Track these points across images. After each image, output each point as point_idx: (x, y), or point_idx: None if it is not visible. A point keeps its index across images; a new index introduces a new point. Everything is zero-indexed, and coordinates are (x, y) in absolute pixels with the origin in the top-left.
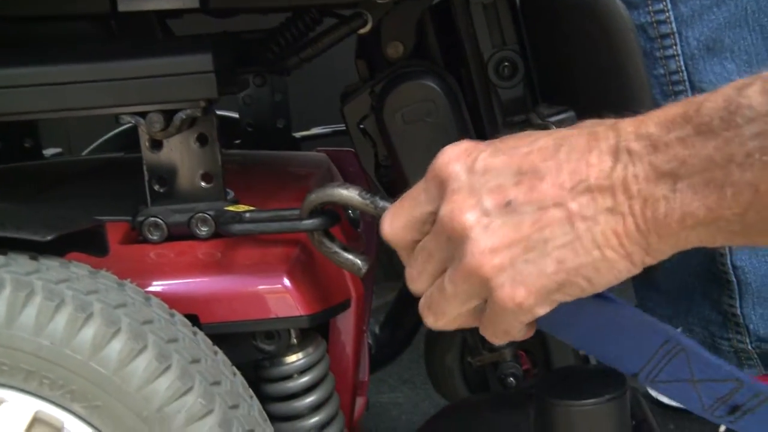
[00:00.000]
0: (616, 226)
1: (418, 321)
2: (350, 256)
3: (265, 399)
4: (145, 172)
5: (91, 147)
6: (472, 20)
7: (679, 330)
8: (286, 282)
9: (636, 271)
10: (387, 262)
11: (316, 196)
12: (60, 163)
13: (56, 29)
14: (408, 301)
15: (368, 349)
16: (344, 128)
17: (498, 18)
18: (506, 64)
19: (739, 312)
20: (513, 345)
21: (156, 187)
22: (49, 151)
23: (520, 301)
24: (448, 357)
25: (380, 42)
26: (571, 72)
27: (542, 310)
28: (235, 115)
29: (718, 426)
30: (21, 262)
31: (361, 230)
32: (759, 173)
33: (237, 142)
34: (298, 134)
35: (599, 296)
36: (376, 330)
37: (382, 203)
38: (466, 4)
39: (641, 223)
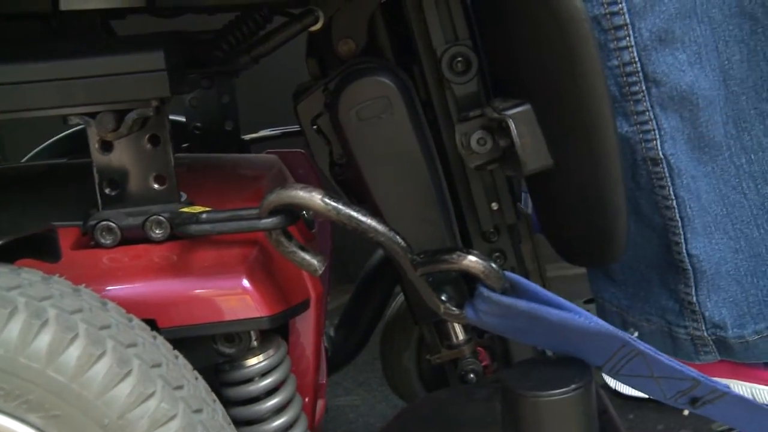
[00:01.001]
0: None
1: (373, 322)
2: (307, 256)
3: (227, 403)
4: (96, 175)
5: (30, 155)
6: (425, 16)
7: (635, 335)
8: (245, 283)
9: None
10: (339, 266)
11: (277, 197)
12: (3, 171)
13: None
14: (362, 303)
15: (324, 351)
16: (293, 130)
17: (450, 13)
18: (459, 59)
19: (695, 300)
20: (472, 341)
21: (107, 191)
22: None
23: None
24: (405, 357)
25: (331, 40)
26: (526, 64)
27: None
28: (182, 119)
29: (677, 414)
30: None
31: (315, 231)
32: None
33: (185, 146)
34: (247, 137)
35: (557, 306)
36: (331, 332)
37: (345, 210)
38: (419, 0)
39: None
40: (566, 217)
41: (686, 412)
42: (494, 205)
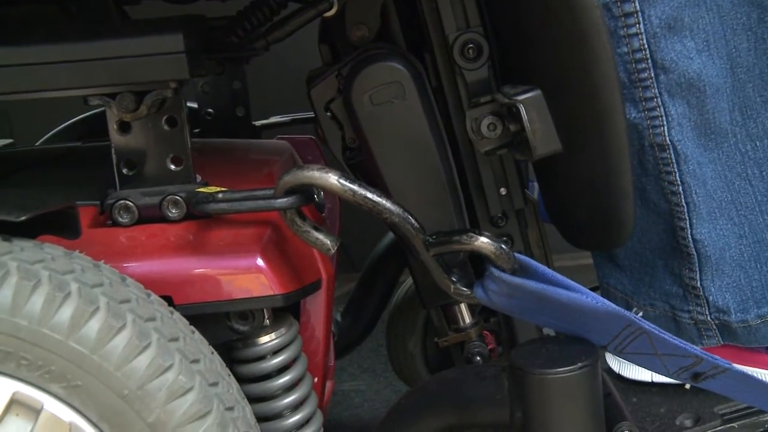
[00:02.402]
0: None
1: (379, 309)
2: (321, 236)
3: (240, 380)
4: (114, 156)
5: (44, 138)
6: (437, 3)
7: (640, 314)
8: (260, 262)
9: None
10: (345, 255)
11: (294, 177)
12: (17, 152)
13: (18, 12)
14: (369, 290)
15: (332, 336)
16: (303, 117)
17: (462, 0)
18: (471, 45)
19: (699, 284)
20: (479, 325)
21: (125, 171)
22: None
23: None
24: (410, 342)
25: (344, 26)
26: (536, 51)
27: None
28: (194, 105)
29: (680, 398)
30: None
31: (325, 216)
32: None
33: (197, 131)
34: (257, 123)
35: (565, 287)
36: (338, 318)
37: (360, 191)
38: None
39: None
40: (574, 201)
41: (687, 386)
42: (503, 191)
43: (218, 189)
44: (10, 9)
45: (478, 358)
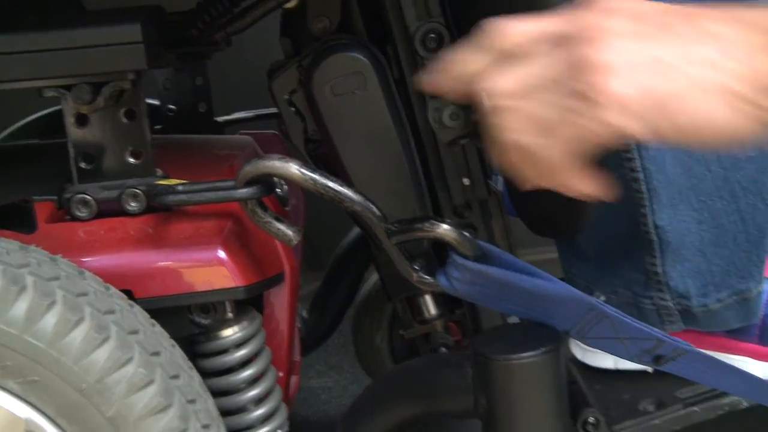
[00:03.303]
0: (740, 65)
1: (345, 305)
2: (282, 227)
3: (203, 375)
4: (71, 149)
5: (2, 134)
6: None
7: (602, 299)
8: (221, 254)
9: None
10: (310, 253)
11: (254, 167)
12: None
13: None
14: (334, 286)
15: (298, 332)
16: (266, 112)
17: None
18: (432, 35)
19: (660, 270)
20: (444, 316)
21: (82, 165)
22: None
23: (624, 96)
24: (377, 337)
25: (306, 18)
26: None
27: (633, 124)
28: (156, 102)
29: (643, 384)
30: None
31: (289, 210)
32: None
33: (158, 127)
34: (220, 119)
35: (527, 273)
36: (304, 314)
37: (321, 180)
38: None
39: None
40: (535, 190)
41: (650, 370)
42: (466, 181)
43: (179, 181)
44: None
45: (444, 349)
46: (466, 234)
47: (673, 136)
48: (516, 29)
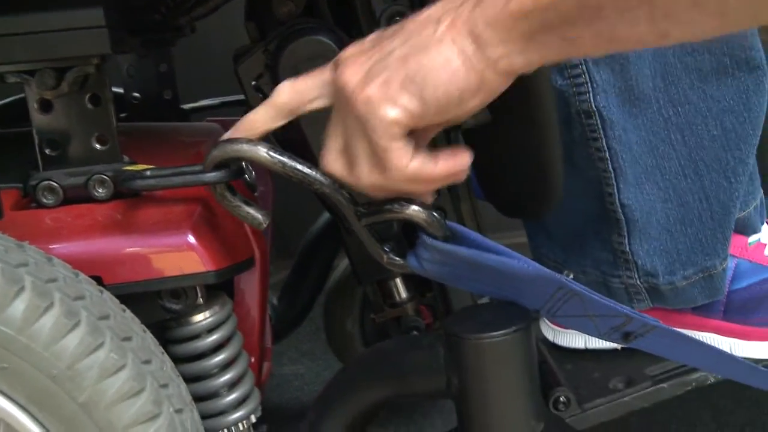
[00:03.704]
0: (454, 20)
1: (315, 292)
2: (252, 210)
3: (174, 360)
4: (36, 136)
5: None
6: None
7: (570, 276)
8: (190, 239)
9: (472, 78)
10: (280, 240)
11: (222, 151)
12: None
13: None
14: (304, 273)
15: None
16: (233, 99)
17: None
18: (398, 18)
19: (627, 249)
20: (415, 300)
21: (47, 151)
22: None
23: (366, 95)
24: (348, 322)
25: (271, 2)
26: None
27: (390, 110)
28: (120, 90)
29: (612, 363)
30: None
31: (258, 196)
32: None
33: (123, 115)
34: (186, 106)
35: (496, 252)
36: (274, 301)
37: (290, 162)
38: None
39: (474, 12)
40: (504, 171)
41: (619, 347)
42: None
43: (146, 167)
44: None
45: (415, 332)
46: (435, 215)
47: (435, 105)
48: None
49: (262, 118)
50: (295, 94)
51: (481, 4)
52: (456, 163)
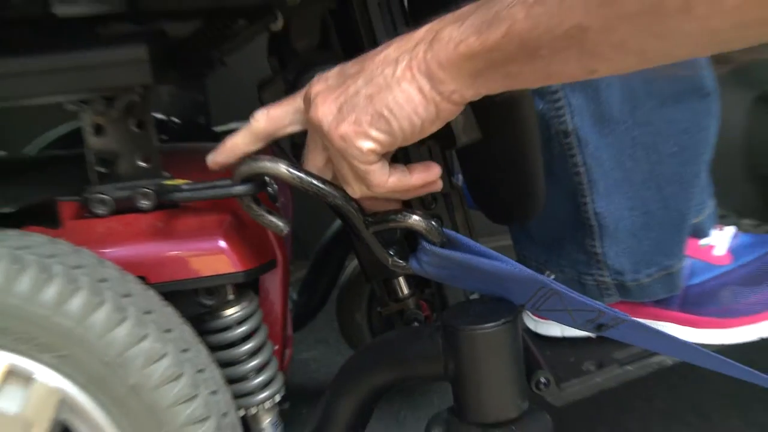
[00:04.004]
0: (411, 61)
1: (329, 288)
2: (274, 219)
3: (209, 348)
4: (90, 156)
5: (36, 147)
6: (369, 17)
7: (551, 277)
8: (222, 243)
9: (431, 109)
10: (298, 245)
11: (248, 167)
12: (8, 160)
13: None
14: (319, 272)
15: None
16: None
17: (391, 14)
18: None
19: (599, 251)
20: (415, 295)
21: (100, 169)
22: None
23: (342, 132)
24: (357, 315)
25: (289, 38)
26: None
27: (365, 143)
28: (162, 116)
29: (585, 349)
30: None
31: (279, 205)
32: (510, 17)
33: (164, 137)
34: (217, 128)
35: (487, 256)
36: (294, 296)
37: (306, 177)
38: (364, 3)
39: (428, 54)
40: (493, 183)
41: (594, 336)
42: None
43: (183, 182)
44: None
45: (416, 323)
46: (434, 223)
47: (401, 134)
48: (271, 113)
49: (242, 141)
50: (271, 121)
51: (434, 47)
52: (429, 174)
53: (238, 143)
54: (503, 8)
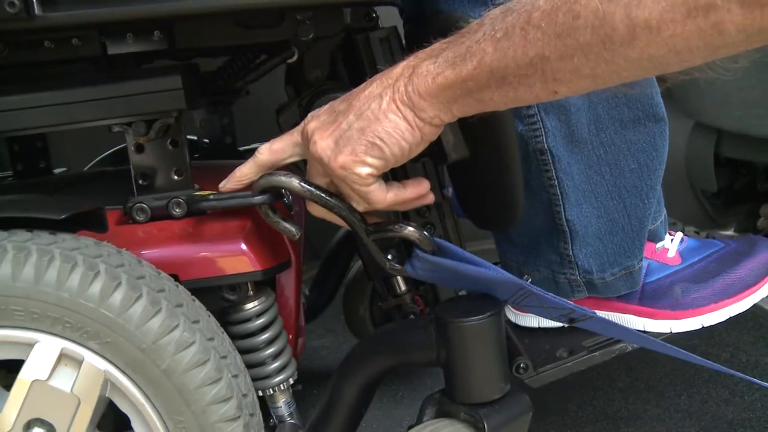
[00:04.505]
0: (394, 94)
1: (337, 285)
2: (288, 225)
3: (231, 337)
4: (132, 170)
5: (89, 166)
6: (372, 51)
7: (529, 280)
8: (243, 246)
9: (416, 133)
10: (310, 247)
11: (265, 180)
12: (67, 175)
13: (60, 69)
14: (329, 270)
15: (302, 304)
16: None
17: (390, 48)
18: None
19: (571, 253)
20: (411, 292)
21: (140, 181)
22: (57, 170)
23: (341, 162)
24: (361, 308)
25: (303, 69)
26: None
27: (362, 169)
28: (194, 137)
29: (558, 338)
30: (43, 235)
31: (294, 213)
32: (480, 51)
33: (196, 156)
34: (242, 148)
35: (473, 263)
36: (306, 292)
37: (315, 191)
38: (367, 40)
39: (408, 87)
40: (479, 195)
41: (566, 326)
42: None
43: (210, 192)
44: (58, 66)
45: (412, 316)
46: (426, 234)
47: (393, 157)
48: (273, 147)
49: (249, 171)
50: (273, 154)
51: (413, 80)
52: (420, 187)
53: (245, 172)
54: (473, 44)
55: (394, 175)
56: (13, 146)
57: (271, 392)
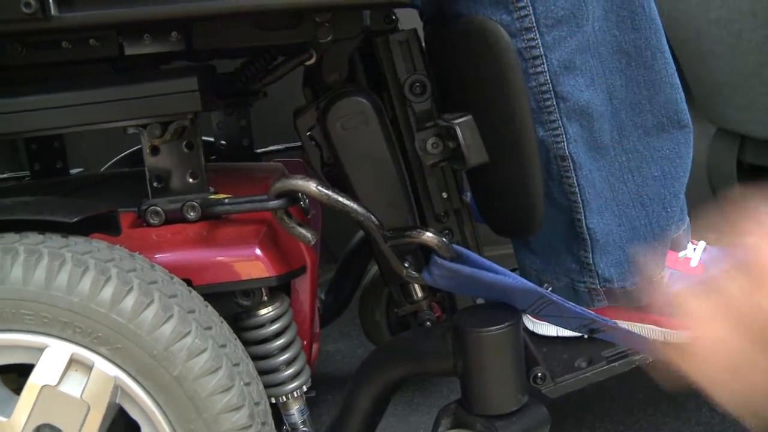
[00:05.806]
0: None
1: (353, 289)
2: (304, 230)
3: (244, 344)
4: (147, 173)
5: (106, 166)
6: (391, 54)
7: (549, 289)
8: (258, 251)
9: None
10: (326, 251)
11: (282, 184)
12: (83, 176)
13: (77, 69)
14: (345, 275)
15: (317, 309)
16: (294, 145)
17: (410, 51)
18: (417, 84)
19: (591, 261)
20: (428, 298)
21: (155, 184)
22: (73, 170)
23: None
24: (377, 314)
25: (322, 72)
26: (467, 86)
27: None
28: (211, 139)
29: (577, 347)
30: (55, 239)
31: (310, 218)
32: None
33: (213, 158)
34: (258, 150)
35: (491, 270)
36: (322, 296)
37: (333, 195)
38: (387, 42)
39: None
40: (498, 201)
41: (586, 336)
42: (444, 194)
43: (225, 196)
44: (77, 67)
45: (428, 323)
46: (444, 240)
47: None
48: None
49: None
50: None
51: None
52: None
53: None
54: None
55: (412, 180)
56: (30, 146)
57: (285, 399)
